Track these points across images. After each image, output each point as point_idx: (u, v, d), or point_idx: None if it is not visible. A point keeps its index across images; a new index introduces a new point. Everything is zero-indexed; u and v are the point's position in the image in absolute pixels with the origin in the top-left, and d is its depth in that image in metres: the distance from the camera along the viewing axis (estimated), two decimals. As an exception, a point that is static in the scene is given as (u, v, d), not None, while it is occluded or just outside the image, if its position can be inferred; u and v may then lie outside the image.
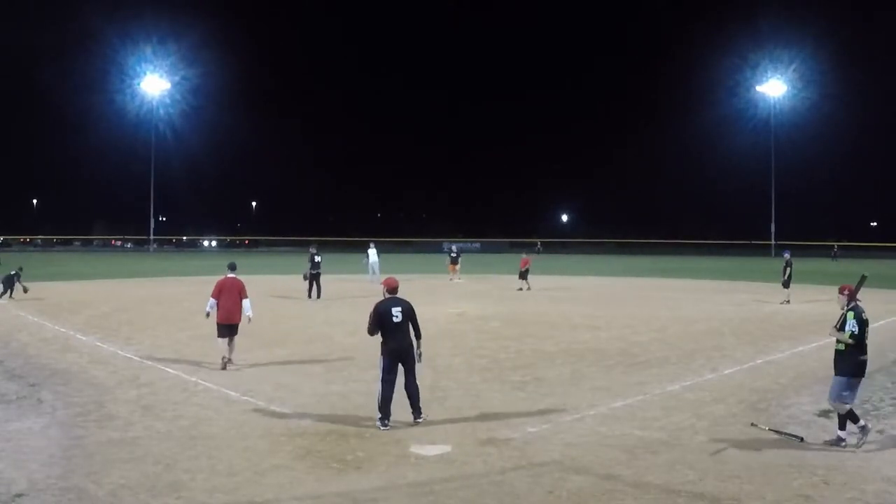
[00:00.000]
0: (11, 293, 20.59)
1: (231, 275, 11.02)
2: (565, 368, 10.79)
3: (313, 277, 21.79)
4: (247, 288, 11.07)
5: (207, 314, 10.88)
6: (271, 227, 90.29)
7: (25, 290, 20.80)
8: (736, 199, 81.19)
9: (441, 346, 12.44)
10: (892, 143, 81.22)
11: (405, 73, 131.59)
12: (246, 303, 10.86)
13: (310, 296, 21.51)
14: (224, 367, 10.56)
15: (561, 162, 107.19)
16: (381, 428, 7.31)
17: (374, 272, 28.22)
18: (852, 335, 6.87)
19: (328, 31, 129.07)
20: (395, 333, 7.49)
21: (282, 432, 7.20)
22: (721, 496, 5.52)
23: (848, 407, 6.86)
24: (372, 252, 28.93)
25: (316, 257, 22.01)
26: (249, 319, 10.92)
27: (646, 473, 6.04)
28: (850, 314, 6.95)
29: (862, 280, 7.31)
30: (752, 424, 7.49)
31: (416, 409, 7.64)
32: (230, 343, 10.77)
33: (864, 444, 6.77)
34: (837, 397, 6.89)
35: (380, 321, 7.50)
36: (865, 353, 6.97)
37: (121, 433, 7.17)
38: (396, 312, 7.51)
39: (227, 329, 10.73)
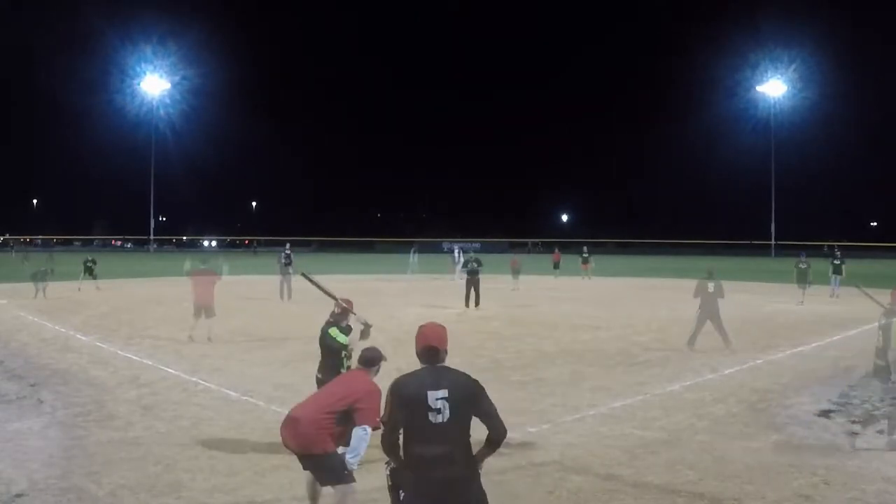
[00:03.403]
0: (43, 291, 20.89)
1: (202, 267, 14.07)
2: (565, 368, 10.78)
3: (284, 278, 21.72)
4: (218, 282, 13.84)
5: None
6: (271, 227, 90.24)
7: (38, 293, 20.92)
8: (736, 199, 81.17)
9: (441, 346, 12.34)
10: (892, 143, 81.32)
11: (405, 73, 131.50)
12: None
13: (281, 296, 21.32)
14: (189, 339, 12.78)
15: (561, 161, 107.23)
16: None
17: (412, 272, 30.75)
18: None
19: (328, 30, 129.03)
20: None
21: (282, 432, 7.19)
22: (721, 496, 5.51)
23: None
24: (414, 254, 32.14)
25: (283, 259, 22.14)
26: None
27: (646, 473, 6.03)
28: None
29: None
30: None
31: None
32: (206, 322, 13.11)
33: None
34: None
35: None
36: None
37: (121, 433, 7.16)
38: None
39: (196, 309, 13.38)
